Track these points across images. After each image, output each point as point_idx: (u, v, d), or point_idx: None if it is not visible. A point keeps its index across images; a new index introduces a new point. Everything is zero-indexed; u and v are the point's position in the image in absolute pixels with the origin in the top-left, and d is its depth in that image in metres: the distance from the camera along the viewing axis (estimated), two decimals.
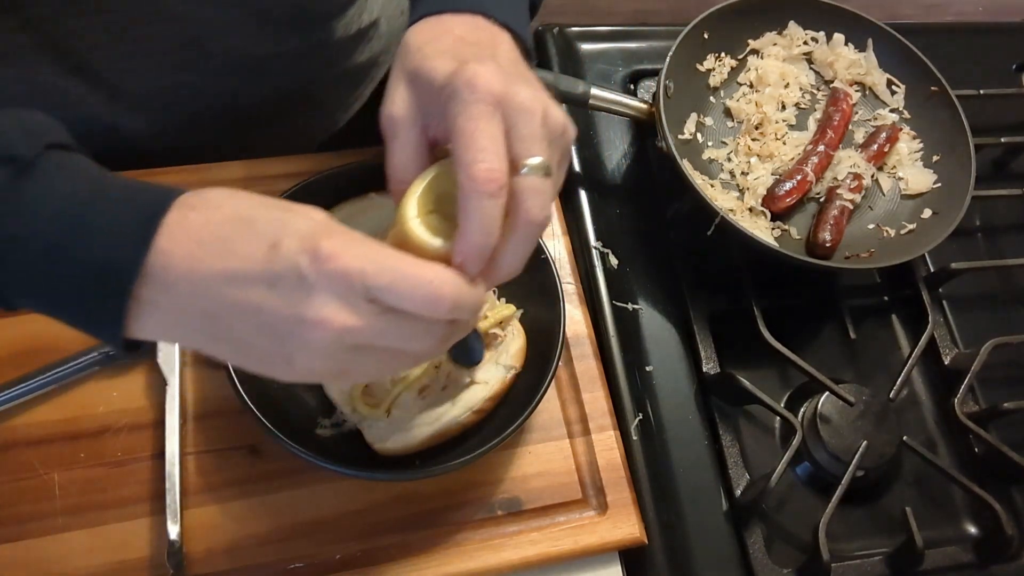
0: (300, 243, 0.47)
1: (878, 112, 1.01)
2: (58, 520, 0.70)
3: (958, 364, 0.89)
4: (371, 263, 0.47)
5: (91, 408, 0.74)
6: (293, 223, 0.48)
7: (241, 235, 0.48)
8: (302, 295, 0.46)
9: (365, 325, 0.47)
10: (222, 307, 0.47)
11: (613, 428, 0.79)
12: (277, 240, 0.47)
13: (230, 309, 0.47)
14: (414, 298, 0.47)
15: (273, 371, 0.50)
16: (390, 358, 0.51)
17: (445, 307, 0.48)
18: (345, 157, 0.85)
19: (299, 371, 0.49)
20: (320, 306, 0.46)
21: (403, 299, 0.47)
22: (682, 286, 0.88)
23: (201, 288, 0.47)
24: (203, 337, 0.50)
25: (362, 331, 0.47)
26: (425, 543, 0.72)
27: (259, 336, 0.48)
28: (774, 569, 0.76)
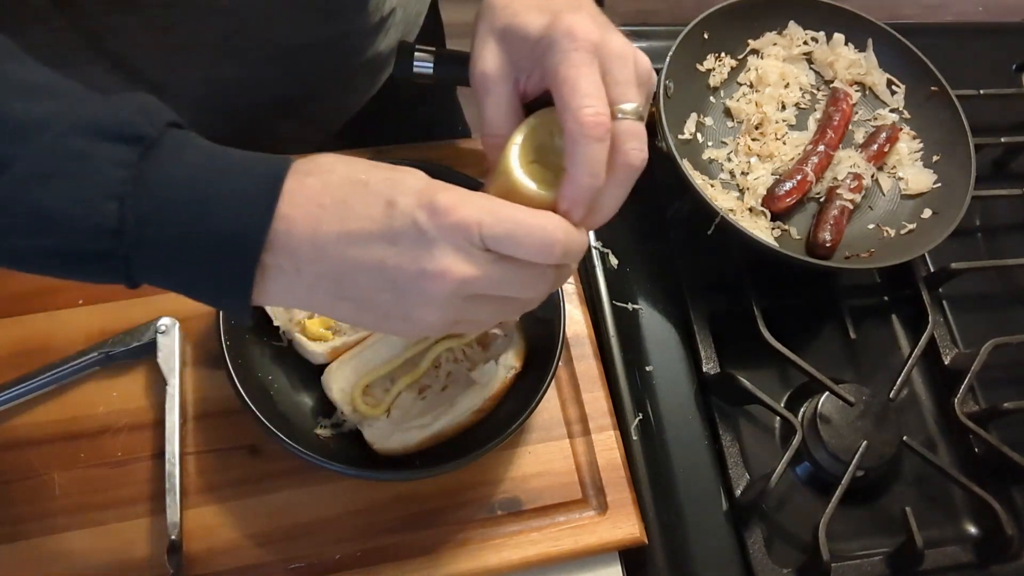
0: (416, 199, 0.49)
1: (878, 112, 1.01)
2: (58, 520, 0.70)
3: (958, 364, 0.89)
4: (488, 214, 0.49)
5: (91, 408, 0.74)
6: (405, 182, 0.50)
7: (358, 196, 0.49)
8: (422, 249, 0.48)
9: (483, 274, 0.49)
10: (345, 267, 0.49)
11: (613, 428, 0.79)
12: (392, 198, 0.49)
13: (353, 268, 0.49)
14: (530, 245, 0.49)
15: (390, 326, 0.52)
16: (502, 305, 0.53)
17: (558, 252, 0.50)
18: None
19: (416, 324, 0.51)
20: (440, 258, 0.48)
21: (519, 247, 0.49)
22: (682, 286, 0.88)
23: (323, 250, 0.49)
24: (326, 297, 0.51)
25: (480, 280, 0.49)
26: (425, 543, 0.72)
27: (381, 292, 0.50)
28: (774, 569, 0.76)
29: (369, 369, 0.75)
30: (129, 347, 0.75)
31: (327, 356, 0.75)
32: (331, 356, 0.75)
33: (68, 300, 0.78)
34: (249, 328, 0.74)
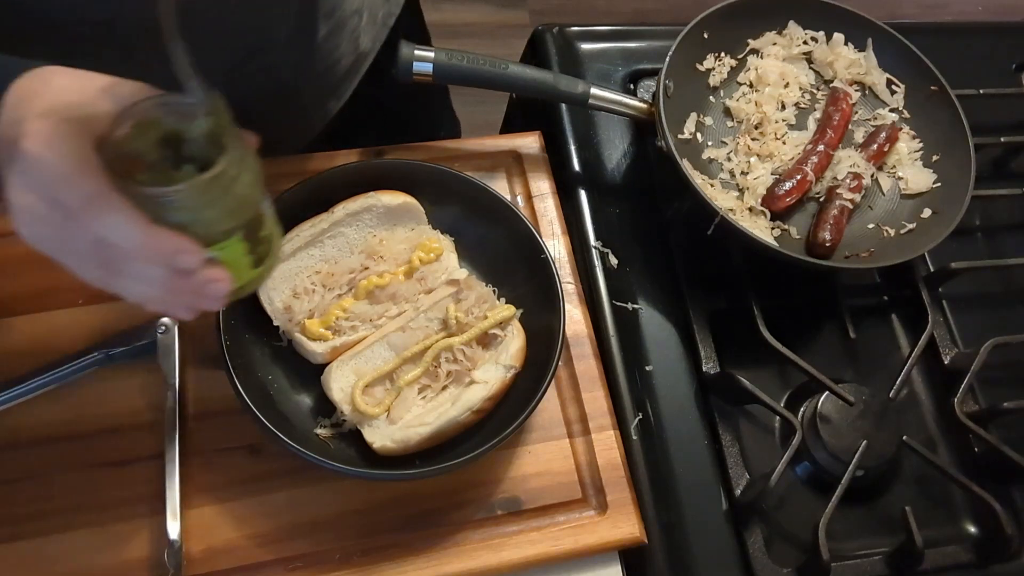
0: (31, 116, 0.53)
1: (878, 112, 1.01)
2: (58, 520, 0.70)
3: (958, 364, 0.89)
4: (53, 155, 0.52)
5: (91, 408, 0.74)
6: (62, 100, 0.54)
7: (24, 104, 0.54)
8: (8, 161, 0.53)
9: (35, 205, 0.53)
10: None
11: (613, 428, 0.79)
12: (27, 112, 0.53)
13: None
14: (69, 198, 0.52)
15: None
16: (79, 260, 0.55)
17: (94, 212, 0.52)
18: (345, 157, 0.86)
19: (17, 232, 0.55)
20: (10, 177, 0.53)
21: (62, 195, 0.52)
22: (682, 286, 0.88)
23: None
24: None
25: (32, 210, 0.53)
26: (425, 543, 0.72)
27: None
28: (774, 568, 0.76)
29: (369, 369, 0.75)
30: (129, 347, 0.75)
31: (327, 356, 0.75)
32: (331, 356, 0.75)
33: (68, 300, 0.78)
34: (249, 328, 0.75)
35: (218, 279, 0.58)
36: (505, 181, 0.92)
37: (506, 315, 0.78)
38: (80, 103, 0.56)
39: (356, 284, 0.78)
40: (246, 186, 0.56)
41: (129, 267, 0.55)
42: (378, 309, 0.78)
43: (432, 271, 0.80)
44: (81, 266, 0.56)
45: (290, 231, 0.77)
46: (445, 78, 0.87)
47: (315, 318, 0.76)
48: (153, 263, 0.55)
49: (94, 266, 0.55)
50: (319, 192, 0.79)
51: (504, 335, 0.77)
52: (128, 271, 0.55)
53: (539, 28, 1.06)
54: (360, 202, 0.79)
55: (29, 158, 0.52)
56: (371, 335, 0.77)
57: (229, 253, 0.58)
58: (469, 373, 0.75)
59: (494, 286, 0.81)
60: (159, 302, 0.59)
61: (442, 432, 0.72)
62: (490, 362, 0.76)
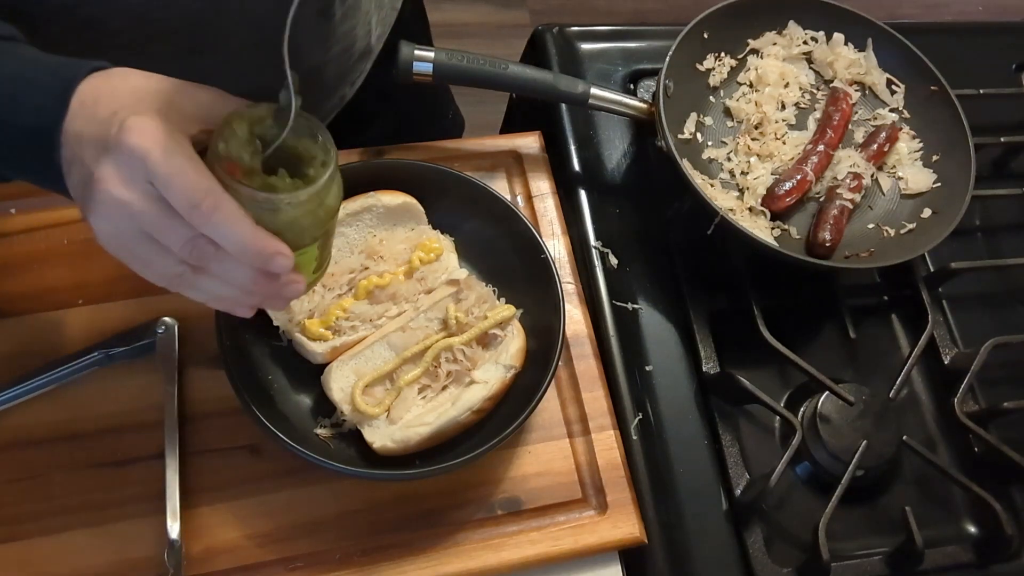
0: (129, 112, 0.53)
1: (878, 112, 1.01)
2: (58, 520, 0.70)
3: (958, 364, 0.89)
4: (161, 151, 0.51)
5: (91, 408, 0.74)
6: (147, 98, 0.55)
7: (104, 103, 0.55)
8: (101, 155, 0.53)
9: (134, 201, 0.52)
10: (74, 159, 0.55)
11: (613, 428, 0.79)
12: (119, 108, 0.53)
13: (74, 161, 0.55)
14: (179, 192, 0.52)
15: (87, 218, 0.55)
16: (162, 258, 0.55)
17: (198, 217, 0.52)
18: (345, 157, 0.86)
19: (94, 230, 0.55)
20: (104, 167, 0.52)
21: (170, 189, 0.52)
22: (682, 286, 0.88)
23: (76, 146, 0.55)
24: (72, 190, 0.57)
25: (130, 207, 0.52)
26: (425, 543, 0.72)
27: (80, 187, 0.55)
28: (774, 568, 0.76)
29: (369, 369, 0.75)
30: (129, 347, 0.75)
31: (327, 356, 0.75)
32: (331, 356, 0.75)
33: (68, 300, 0.78)
34: (249, 328, 0.74)
35: (297, 281, 0.59)
36: (505, 181, 0.92)
37: (506, 315, 0.78)
38: (168, 102, 0.56)
39: (356, 284, 0.78)
40: (335, 198, 0.59)
41: (219, 266, 0.55)
42: (378, 309, 0.78)
43: (432, 271, 0.80)
44: (162, 263, 0.56)
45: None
46: (445, 78, 0.87)
47: (315, 318, 0.76)
48: (249, 264, 0.55)
49: (175, 263, 0.55)
50: None
51: (504, 335, 0.77)
52: (216, 269, 0.56)
53: (539, 28, 1.06)
54: (360, 202, 0.79)
55: (136, 152, 0.51)
56: (371, 335, 0.77)
57: (306, 258, 0.61)
58: (469, 373, 0.75)
59: (494, 286, 0.81)
60: (228, 301, 0.59)
61: (442, 432, 0.72)
62: (490, 362, 0.76)
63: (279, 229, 0.56)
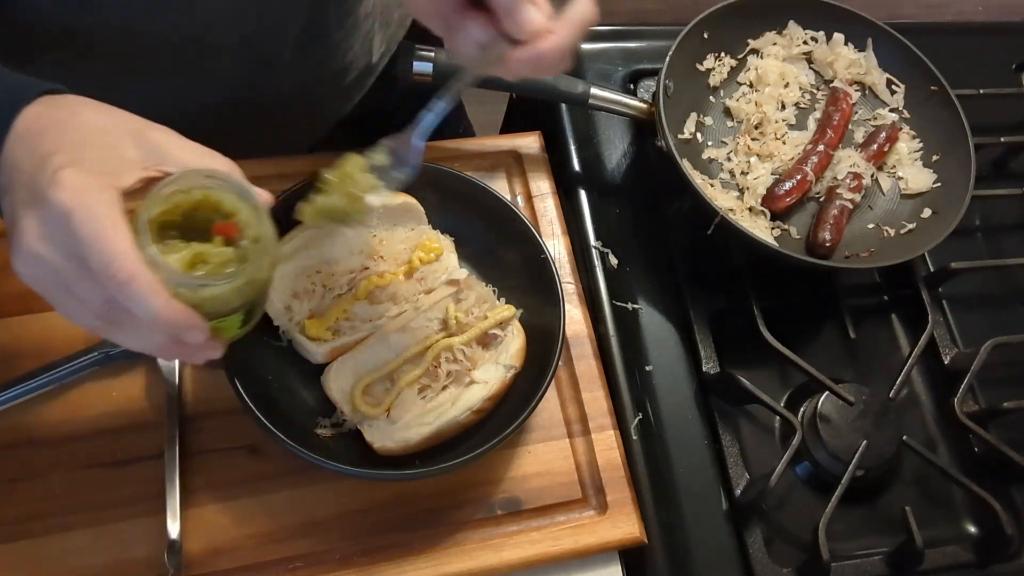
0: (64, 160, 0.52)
1: (878, 112, 1.01)
2: (58, 520, 0.70)
3: (958, 364, 0.89)
4: (83, 211, 0.51)
5: (91, 408, 0.74)
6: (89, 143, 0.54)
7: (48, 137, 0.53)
8: (28, 204, 0.52)
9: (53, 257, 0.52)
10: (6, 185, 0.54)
11: (613, 428, 0.79)
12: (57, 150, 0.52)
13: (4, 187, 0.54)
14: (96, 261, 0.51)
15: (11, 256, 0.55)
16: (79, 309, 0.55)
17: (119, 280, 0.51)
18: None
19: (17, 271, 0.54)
20: (27, 219, 0.52)
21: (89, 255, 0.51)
22: (682, 286, 0.88)
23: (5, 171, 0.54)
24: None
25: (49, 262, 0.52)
26: (425, 543, 0.72)
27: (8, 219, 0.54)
28: (774, 568, 0.76)
29: (369, 369, 0.75)
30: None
31: (327, 356, 0.75)
32: (331, 356, 0.75)
33: None
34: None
35: (212, 347, 0.59)
36: (505, 181, 0.92)
37: (506, 315, 0.78)
38: (111, 146, 0.55)
39: (356, 284, 0.78)
40: (266, 270, 0.58)
41: (133, 329, 0.55)
42: (378, 309, 0.78)
43: (432, 271, 0.80)
44: (79, 316, 0.55)
45: (290, 231, 0.77)
46: (445, 78, 0.86)
47: (315, 318, 0.76)
48: (160, 334, 0.55)
49: (93, 317, 0.55)
50: None
51: (504, 335, 0.77)
52: (130, 330, 0.55)
53: None
54: None
55: (60, 210, 0.50)
56: (371, 335, 0.77)
57: (229, 322, 0.60)
58: (469, 373, 0.75)
59: (494, 286, 0.81)
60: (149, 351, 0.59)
61: (442, 432, 0.72)
62: (490, 362, 0.76)
63: (198, 304, 0.55)
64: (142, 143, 0.56)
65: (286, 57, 0.88)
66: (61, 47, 0.77)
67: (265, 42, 0.85)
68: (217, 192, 0.57)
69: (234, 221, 0.57)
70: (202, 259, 0.57)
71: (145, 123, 0.58)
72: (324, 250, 0.78)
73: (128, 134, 0.56)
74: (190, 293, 0.55)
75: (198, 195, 0.57)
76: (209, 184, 0.57)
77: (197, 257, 0.56)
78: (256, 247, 0.56)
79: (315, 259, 0.78)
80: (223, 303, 0.57)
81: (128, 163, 0.55)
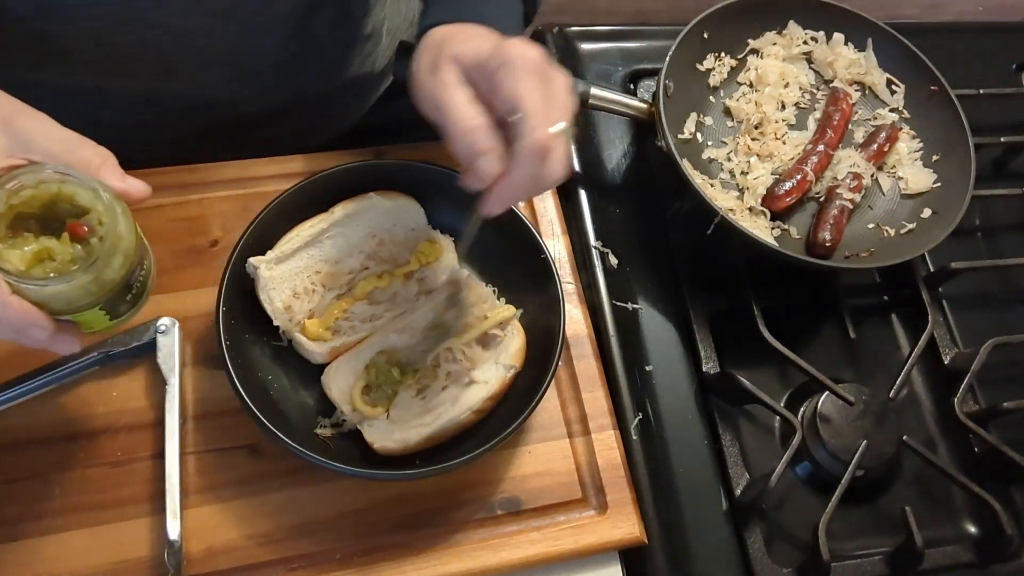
0: None
1: (878, 112, 1.01)
2: (58, 520, 0.70)
3: (958, 364, 0.89)
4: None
5: (91, 408, 0.74)
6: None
7: None
8: None
9: None
10: None
11: (613, 428, 0.79)
12: None
13: None
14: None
15: None
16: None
17: None
18: (344, 157, 0.86)
19: None
20: None
21: None
22: (682, 286, 0.88)
23: None
24: None
25: None
26: (425, 543, 0.72)
27: None
28: (774, 568, 0.76)
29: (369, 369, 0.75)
30: (129, 347, 0.75)
31: (327, 356, 0.75)
32: (331, 356, 0.75)
33: None
34: (249, 328, 0.75)
35: (66, 340, 0.58)
36: None
37: (506, 315, 0.78)
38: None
39: (356, 284, 0.78)
40: (115, 271, 0.58)
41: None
42: (378, 309, 0.78)
43: (432, 271, 0.80)
44: None
45: (290, 231, 0.77)
46: None
47: (315, 318, 0.76)
48: (2, 328, 0.55)
49: None
50: (319, 192, 0.79)
51: (504, 335, 0.77)
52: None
53: (539, 28, 1.06)
54: (360, 202, 0.79)
55: None
56: (371, 335, 0.77)
57: (85, 317, 0.59)
58: (469, 373, 0.75)
59: (494, 286, 0.81)
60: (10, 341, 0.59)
61: (442, 432, 0.72)
62: (490, 362, 0.76)
63: (41, 301, 0.55)
64: (9, 130, 0.56)
65: (271, 73, 0.88)
66: (38, 52, 0.77)
67: (248, 58, 0.85)
68: (69, 187, 0.57)
69: (85, 219, 0.57)
70: (49, 255, 0.56)
71: (17, 110, 0.57)
72: (324, 250, 0.78)
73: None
74: (31, 291, 0.55)
75: (52, 189, 0.56)
76: (59, 179, 0.56)
77: (44, 252, 0.56)
78: (104, 246, 0.56)
79: (315, 259, 0.78)
80: (68, 301, 0.57)
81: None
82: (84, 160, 0.57)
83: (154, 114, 0.87)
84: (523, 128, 0.60)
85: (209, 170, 0.85)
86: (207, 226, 0.83)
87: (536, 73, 0.62)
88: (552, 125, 0.61)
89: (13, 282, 0.54)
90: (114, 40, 0.77)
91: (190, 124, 0.90)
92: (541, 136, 0.60)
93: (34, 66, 0.78)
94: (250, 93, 0.89)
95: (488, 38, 0.67)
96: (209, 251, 0.82)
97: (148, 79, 0.83)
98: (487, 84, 0.63)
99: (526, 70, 0.61)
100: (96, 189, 0.56)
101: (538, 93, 0.61)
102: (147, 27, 0.76)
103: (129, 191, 0.59)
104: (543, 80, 0.62)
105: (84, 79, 0.80)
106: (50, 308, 0.56)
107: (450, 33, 0.69)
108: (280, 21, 0.83)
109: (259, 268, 0.74)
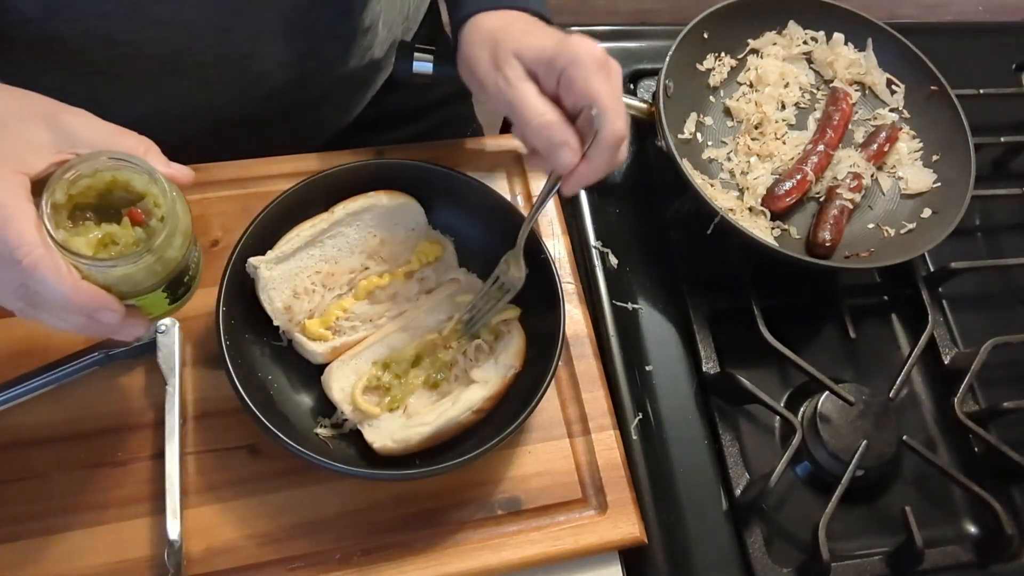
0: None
1: (878, 112, 1.01)
2: (58, 520, 0.70)
3: (958, 364, 0.89)
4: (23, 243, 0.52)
5: (91, 408, 0.74)
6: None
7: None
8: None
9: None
10: None
11: (613, 428, 0.79)
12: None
13: None
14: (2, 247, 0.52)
15: None
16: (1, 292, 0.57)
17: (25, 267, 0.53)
18: (344, 157, 0.86)
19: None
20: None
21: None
22: (682, 286, 0.88)
23: None
24: None
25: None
26: (425, 543, 0.72)
27: None
28: (774, 568, 0.76)
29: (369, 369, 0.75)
30: (129, 347, 0.75)
31: (327, 356, 0.75)
32: (331, 356, 0.75)
33: None
34: (249, 328, 0.75)
35: (134, 324, 0.60)
36: (505, 181, 0.92)
37: (506, 315, 0.78)
38: (21, 131, 0.56)
39: (356, 284, 0.78)
40: (176, 250, 0.60)
41: (50, 311, 0.56)
42: (378, 309, 0.78)
43: (432, 271, 0.80)
44: (3, 299, 0.56)
45: (290, 231, 0.77)
46: (445, 76, 0.87)
47: (315, 318, 0.76)
48: (75, 314, 0.56)
49: (15, 299, 0.56)
50: (319, 192, 0.79)
51: (504, 335, 0.77)
52: (47, 311, 0.57)
53: None
54: (360, 202, 0.79)
55: None
56: (371, 335, 0.77)
57: (149, 301, 0.61)
58: (469, 373, 0.75)
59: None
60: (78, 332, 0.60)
61: (442, 432, 0.72)
62: (490, 362, 0.76)
63: (109, 284, 0.57)
64: (54, 126, 0.57)
65: (278, 73, 0.88)
66: (44, 55, 0.77)
67: (252, 54, 0.85)
68: (124, 173, 0.58)
69: (140, 205, 0.59)
70: (112, 240, 0.58)
71: (58, 106, 0.58)
72: (324, 250, 0.78)
73: (40, 118, 0.57)
74: (100, 275, 0.56)
75: (107, 176, 0.58)
76: (114, 166, 0.58)
77: (107, 237, 0.58)
78: (164, 227, 0.58)
79: (315, 258, 0.78)
80: (135, 283, 0.58)
81: (38, 147, 0.56)
82: (128, 149, 0.59)
83: (158, 114, 0.87)
84: (602, 121, 0.65)
85: (209, 170, 0.85)
86: (207, 226, 0.83)
87: (603, 68, 0.67)
88: (623, 116, 0.67)
89: (83, 266, 0.55)
90: (120, 38, 0.77)
91: (193, 124, 0.90)
92: (620, 128, 0.66)
93: (39, 70, 0.79)
94: (253, 90, 0.89)
95: (544, 32, 0.72)
96: (209, 251, 0.82)
97: (153, 78, 0.83)
98: (555, 79, 0.68)
99: (595, 67, 0.67)
100: (151, 172, 0.58)
101: (609, 88, 0.67)
102: (153, 23, 0.77)
103: (176, 176, 0.61)
104: (609, 74, 0.68)
105: (89, 82, 0.81)
106: (117, 292, 0.58)
107: (500, 26, 0.73)
108: (284, 15, 0.83)
109: (259, 268, 0.74)
